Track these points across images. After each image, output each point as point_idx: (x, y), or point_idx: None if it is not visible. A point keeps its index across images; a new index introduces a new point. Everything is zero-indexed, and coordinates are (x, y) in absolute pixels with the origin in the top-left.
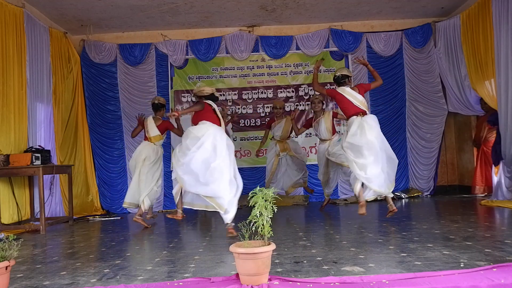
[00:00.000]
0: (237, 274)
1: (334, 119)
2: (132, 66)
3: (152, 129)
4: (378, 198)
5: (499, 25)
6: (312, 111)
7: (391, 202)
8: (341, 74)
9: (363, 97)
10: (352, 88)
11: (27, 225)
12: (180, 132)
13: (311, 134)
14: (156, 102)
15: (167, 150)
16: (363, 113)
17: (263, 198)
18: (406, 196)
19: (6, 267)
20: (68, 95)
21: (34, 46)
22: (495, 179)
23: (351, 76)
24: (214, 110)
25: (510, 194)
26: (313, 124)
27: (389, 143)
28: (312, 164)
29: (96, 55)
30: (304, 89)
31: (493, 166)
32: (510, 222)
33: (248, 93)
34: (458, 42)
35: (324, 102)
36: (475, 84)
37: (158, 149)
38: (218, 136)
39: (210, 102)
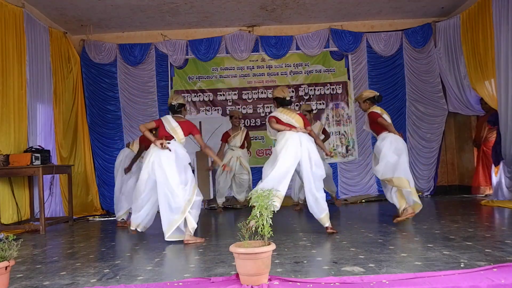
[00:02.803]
0: (237, 274)
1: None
2: (132, 66)
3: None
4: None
5: (499, 25)
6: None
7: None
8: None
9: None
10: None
11: (27, 225)
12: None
13: None
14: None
15: None
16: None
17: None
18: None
19: (6, 267)
20: (68, 95)
21: (34, 46)
22: (495, 179)
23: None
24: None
25: (510, 194)
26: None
27: None
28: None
29: (96, 55)
30: (304, 89)
31: (493, 166)
32: (510, 222)
33: (248, 93)
34: (458, 42)
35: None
36: (474, 84)
37: None
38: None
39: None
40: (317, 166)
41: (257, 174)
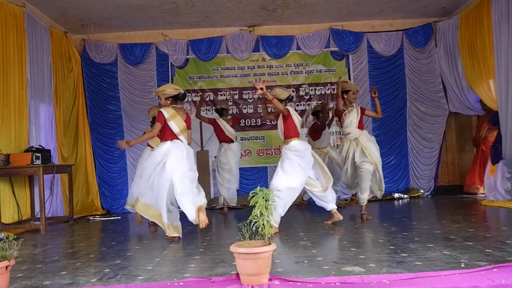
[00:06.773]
0: (238, 274)
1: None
2: (132, 65)
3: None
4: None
5: (499, 25)
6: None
7: None
8: None
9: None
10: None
11: (28, 225)
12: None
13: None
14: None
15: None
16: None
17: (263, 198)
18: (407, 196)
19: (6, 267)
20: (69, 95)
21: (35, 46)
22: (490, 178)
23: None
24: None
25: (510, 195)
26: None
27: (390, 143)
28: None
29: (97, 54)
30: (304, 89)
31: (488, 164)
32: (510, 222)
33: (248, 93)
34: (456, 42)
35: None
36: (471, 84)
37: None
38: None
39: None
40: None
41: (257, 174)
